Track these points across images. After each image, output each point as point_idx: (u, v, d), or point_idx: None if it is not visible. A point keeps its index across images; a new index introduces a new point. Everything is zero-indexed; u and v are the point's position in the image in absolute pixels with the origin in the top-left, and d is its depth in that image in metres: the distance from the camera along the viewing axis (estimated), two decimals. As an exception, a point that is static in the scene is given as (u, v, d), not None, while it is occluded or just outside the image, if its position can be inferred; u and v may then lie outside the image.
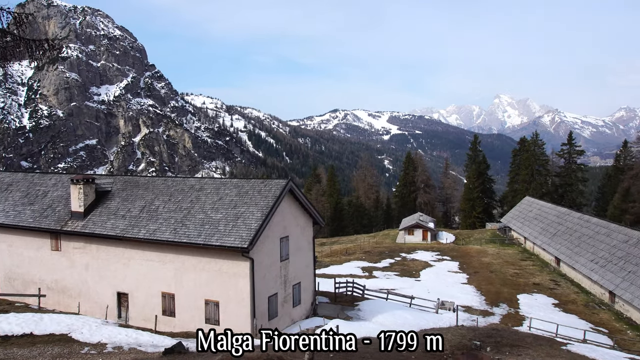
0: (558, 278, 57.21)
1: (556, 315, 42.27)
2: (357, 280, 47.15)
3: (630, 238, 51.63)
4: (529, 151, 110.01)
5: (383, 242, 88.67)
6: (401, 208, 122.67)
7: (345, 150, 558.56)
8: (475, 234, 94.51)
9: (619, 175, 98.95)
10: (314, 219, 33.68)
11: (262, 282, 27.54)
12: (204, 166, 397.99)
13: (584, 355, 22.67)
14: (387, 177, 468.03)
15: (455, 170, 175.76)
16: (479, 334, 26.05)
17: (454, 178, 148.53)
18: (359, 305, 36.63)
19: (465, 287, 51.55)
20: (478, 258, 67.49)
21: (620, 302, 45.63)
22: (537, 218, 77.82)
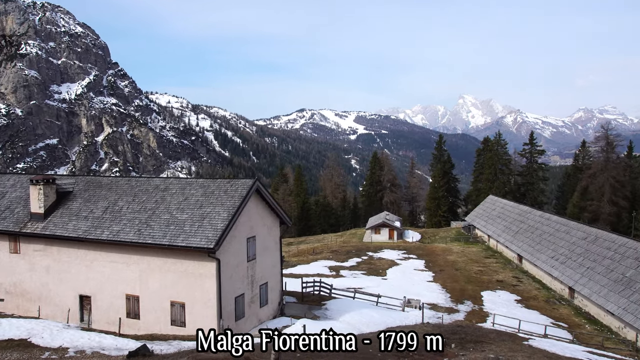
0: (520, 275, 58.51)
1: (519, 311, 43.23)
2: (324, 280, 47.25)
3: (589, 235, 53.21)
4: (492, 151, 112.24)
5: (350, 241, 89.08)
6: (368, 207, 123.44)
7: (312, 149, 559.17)
8: (440, 233, 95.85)
9: (578, 174, 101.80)
10: (281, 218, 33.62)
11: (228, 283, 27.35)
12: (170, 166, 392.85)
13: (545, 350, 23.24)
14: (354, 176, 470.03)
15: (421, 169, 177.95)
16: (444, 331, 26.42)
17: (419, 177, 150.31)
18: (326, 304, 36.73)
19: (431, 285, 52.21)
20: (443, 256, 68.46)
21: (579, 297, 46.98)
22: (500, 216, 79.41)
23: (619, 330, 39.71)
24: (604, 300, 41.93)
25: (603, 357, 24.78)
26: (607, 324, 41.48)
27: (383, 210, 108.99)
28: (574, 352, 24.02)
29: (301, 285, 41.06)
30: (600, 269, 46.00)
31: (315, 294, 41.07)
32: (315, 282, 42.32)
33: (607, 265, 45.72)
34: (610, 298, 41.51)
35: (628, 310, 38.64)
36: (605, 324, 41.59)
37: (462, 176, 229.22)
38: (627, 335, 38.32)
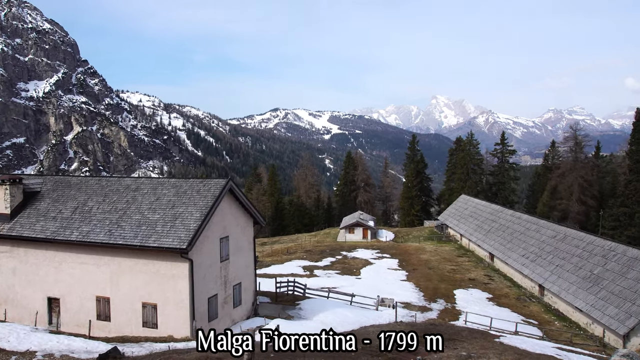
0: (492, 273, 59.35)
1: (490, 309, 43.83)
2: (298, 280, 47.17)
3: (558, 233, 54.27)
4: (465, 151, 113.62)
5: (324, 240, 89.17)
6: (342, 207, 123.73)
7: (286, 149, 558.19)
8: (413, 232, 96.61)
9: (548, 173, 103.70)
10: (255, 218, 33.42)
11: (201, 283, 27.07)
12: (141, 166, 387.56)
13: (516, 347, 23.58)
14: (328, 176, 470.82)
15: (395, 169, 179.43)
16: (417, 329, 26.60)
17: (393, 177, 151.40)
18: (300, 304, 36.66)
19: (404, 284, 52.57)
20: (417, 255, 69.02)
21: (549, 294, 47.87)
22: (472, 215, 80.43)
23: (587, 327, 40.59)
24: (573, 297, 42.82)
25: (572, 352, 25.26)
26: (575, 321, 42.36)
27: (357, 210, 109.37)
28: (544, 349, 24.42)
29: (275, 285, 40.90)
30: (569, 267, 46.97)
31: (289, 294, 40.97)
32: (289, 282, 42.22)
33: (575, 262, 46.70)
34: (579, 295, 42.41)
35: (595, 306, 39.52)
36: (574, 321, 42.47)
37: (435, 176, 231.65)
38: (595, 331, 39.20)
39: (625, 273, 39.97)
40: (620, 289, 38.86)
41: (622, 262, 41.46)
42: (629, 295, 37.45)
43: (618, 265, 41.48)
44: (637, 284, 37.67)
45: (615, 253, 43.29)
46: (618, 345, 35.63)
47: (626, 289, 38.28)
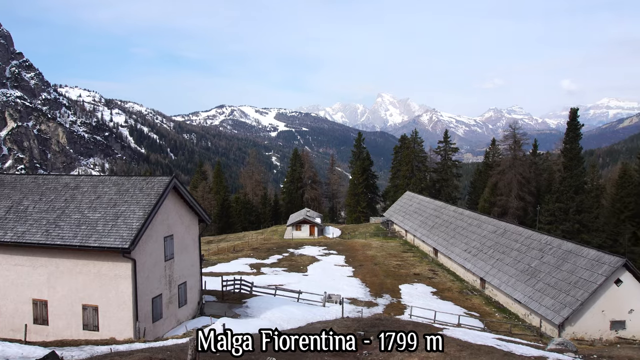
0: (436, 268, 60.77)
1: (434, 303, 44.89)
2: (245, 278, 46.87)
3: (498, 228, 56.15)
4: (409, 148, 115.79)
5: (271, 238, 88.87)
6: (289, 204, 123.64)
7: (233, 146, 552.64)
8: (360, 228, 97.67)
9: (488, 171, 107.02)
10: (200, 216, 32.91)
11: (145, 283, 26.43)
12: (81, 163, 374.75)
13: (458, 339, 24.20)
14: (275, 173, 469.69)
15: (341, 166, 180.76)
16: (364, 324, 26.91)
17: (339, 174, 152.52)
18: (247, 302, 36.39)
19: (351, 280, 53.08)
20: (363, 251, 69.81)
21: (489, 287, 49.48)
22: (417, 212, 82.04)
23: (525, 317, 42.20)
24: (512, 290, 44.41)
25: (511, 342, 26.14)
26: (514, 312, 43.98)
27: (304, 207, 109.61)
28: (485, 340, 25.18)
29: (221, 284, 40.43)
30: (508, 260, 48.68)
31: (235, 292, 40.61)
32: (235, 280, 41.86)
33: (514, 256, 48.44)
34: (518, 287, 44.03)
35: (533, 298, 41.15)
36: (513, 312, 44.09)
37: (381, 173, 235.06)
38: (533, 322, 40.82)
39: (560, 265, 41.79)
40: (555, 280, 40.61)
41: (558, 255, 43.33)
42: (563, 287, 39.19)
43: (554, 258, 43.32)
44: (571, 276, 39.47)
45: (551, 247, 45.18)
46: (554, 334, 37.24)
47: (561, 280, 40.04)
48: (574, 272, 39.58)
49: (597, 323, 37.40)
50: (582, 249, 41.88)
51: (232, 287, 41.58)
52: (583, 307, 36.68)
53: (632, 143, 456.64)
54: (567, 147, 79.31)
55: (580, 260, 40.20)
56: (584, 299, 36.48)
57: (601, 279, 36.66)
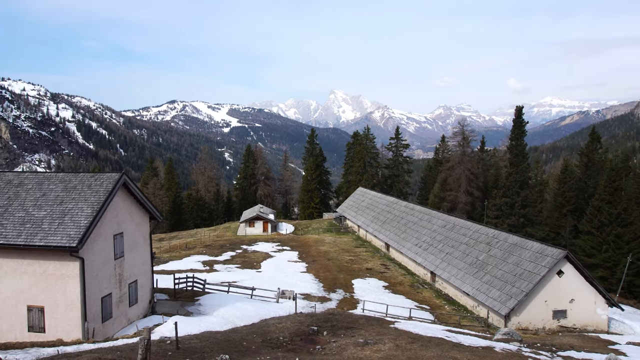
0: (388, 262, 61.75)
1: (386, 297, 45.65)
2: (197, 275, 46.35)
3: (448, 223, 57.54)
4: (362, 145, 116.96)
5: (224, 235, 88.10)
6: (242, 200, 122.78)
7: (185, 142, 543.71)
8: (313, 224, 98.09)
9: (438, 166, 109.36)
10: (151, 213, 32.35)
11: (94, 283, 25.82)
12: (25, 159, 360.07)
13: (409, 331, 24.79)
14: (228, 169, 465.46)
15: (294, 162, 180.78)
16: (317, 319, 27.15)
17: (293, 170, 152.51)
18: (199, 300, 36.04)
19: (304, 276, 53.31)
20: (316, 247, 70.19)
21: (439, 280, 50.70)
22: (369, 207, 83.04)
23: (473, 309, 43.48)
24: (461, 282, 45.67)
25: (460, 334, 26.94)
26: (463, 304, 45.25)
27: (257, 204, 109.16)
28: (435, 332, 25.87)
29: (173, 282, 39.87)
30: (457, 254, 49.99)
31: (188, 290, 40.14)
32: (188, 278, 41.34)
33: (463, 250, 49.79)
34: (466, 280, 45.31)
35: (481, 290, 42.44)
36: (462, 304, 45.35)
37: (334, 169, 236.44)
38: (480, 313, 42.11)
39: (506, 258, 43.25)
40: (502, 273, 42.01)
41: (504, 248, 44.81)
42: (509, 279, 40.60)
43: (500, 251, 44.79)
44: (517, 268, 40.92)
45: (498, 240, 46.68)
46: (500, 324, 38.55)
47: (507, 272, 41.46)
48: (519, 265, 41.05)
49: (541, 313, 38.95)
50: (526, 242, 43.47)
51: (184, 285, 41.07)
52: (527, 298, 38.12)
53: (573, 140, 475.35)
54: (513, 144, 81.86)
55: (525, 253, 41.71)
56: (528, 290, 37.90)
57: (544, 271, 38.17)
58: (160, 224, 78.10)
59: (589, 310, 40.03)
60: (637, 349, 29.32)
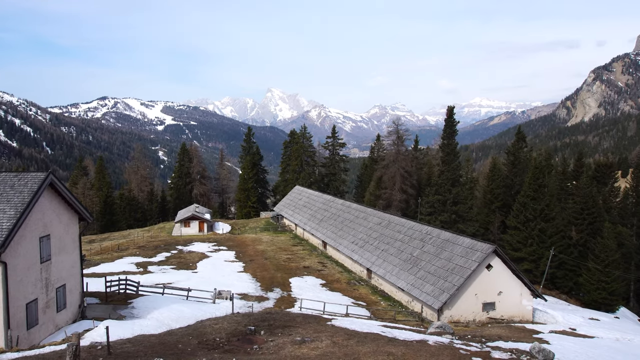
0: (325, 260, 62.23)
1: (324, 294, 46.02)
2: (130, 277, 45.08)
3: (383, 220, 58.66)
4: (299, 143, 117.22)
5: (158, 235, 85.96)
6: (177, 200, 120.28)
7: (116, 140, 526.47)
8: (250, 223, 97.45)
9: (374, 165, 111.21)
10: (81, 214, 31.12)
11: (18, 288, 24.56)
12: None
13: (346, 328, 25.11)
14: (162, 168, 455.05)
15: (231, 161, 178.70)
16: (254, 319, 27.02)
17: (229, 169, 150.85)
18: (133, 302, 35.04)
19: (241, 275, 52.92)
20: (253, 246, 69.79)
21: (375, 277, 51.61)
22: (306, 206, 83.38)
23: (408, 304, 44.57)
24: (396, 278, 46.69)
25: (395, 329, 27.54)
26: (398, 300, 46.29)
27: (193, 203, 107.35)
28: (371, 327, 26.32)
29: (105, 285, 38.56)
30: (392, 251, 51.07)
31: (120, 293, 38.92)
32: (120, 281, 40.09)
33: (398, 246, 50.92)
34: (401, 276, 46.37)
35: (415, 285, 43.56)
36: (397, 300, 46.39)
37: (271, 167, 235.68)
38: (415, 308, 43.23)
39: (439, 254, 44.60)
40: (435, 268, 43.29)
41: (437, 244, 46.20)
42: (442, 274, 41.90)
43: (433, 247, 46.13)
44: (449, 263, 42.30)
45: (431, 236, 48.07)
46: (433, 318, 39.73)
47: (440, 268, 42.77)
48: (451, 260, 42.45)
49: (471, 306, 40.46)
50: (458, 237, 45.01)
51: (116, 288, 39.80)
52: (459, 291, 39.49)
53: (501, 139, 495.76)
54: (445, 143, 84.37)
55: (457, 249, 43.18)
56: (459, 284, 39.26)
57: (474, 265, 39.66)
58: (91, 225, 75.34)
59: (515, 301, 41.97)
60: (559, 337, 31.02)
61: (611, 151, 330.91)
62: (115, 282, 40.07)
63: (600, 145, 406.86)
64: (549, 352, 21.06)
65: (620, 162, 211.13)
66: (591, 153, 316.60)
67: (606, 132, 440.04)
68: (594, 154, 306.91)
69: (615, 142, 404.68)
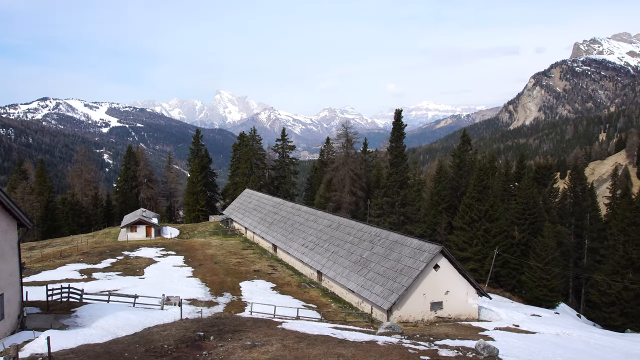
0: (275, 263, 62.06)
1: (274, 298, 45.89)
2: (74, 285, 43.59)
3: (333, 223, 59.03)
4: (248, 146, 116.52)
5: (104, 241, 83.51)
6: (123, 204, 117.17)
7: (58, 143, 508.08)
8: (199, 227, 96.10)
9: (324, 168, 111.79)
10: (19, 220, 29.84)
11: (-49, 299, 23.34)
12: None
13: (297, 331, 25.13)
14: (107, 172, 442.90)
15: (179, 164, 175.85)
16: (203, 324, 26.68)
17: (177, 172, 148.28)
18: (76, 311, 33.87)
19: (190, 280, 52.10)
20: (202, 250, 68.84)
21: (326, 279, 51.86)
22: (256, 209, 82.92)
23: (358, 305, 45.00)
24: (346, 280, 47.06)
25: (345, 330, 27.75)
26: (349, 301, 46.66)
27: (139, 207, 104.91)
28: (321, 330, 26.43)
29: (46, 293, 37.12)
30: (342, 253, 51.45)
31: (63, 302, 37.53)
32: (63, 289, 38.70)
33: (348, 248, 51.34)
34: (351, 278, 46.77)
35: (365, 287, 44.03)
36: (348, 301, 46.75)
37: (220, 170, 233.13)
38: (365, 309, 43.68)
39: (388, 255, 45.26)
40: (384, 269, 43.90)
41: (386, 245, 46.87)
42: (391, 275, 42.53)
43: (382, 249, 46.77)
44: (398, 264, 42.98)
45: (380, 238, 48.72)
46: (383, 319, 40.26)
47: (389, 269, 43.41)
48: (400, 261, 43.16)
49: (420, 305, 41.26)
50: (406, 239, 45.81)
51: (59, 296, 38.38)
52: (408, 292, 40.19)
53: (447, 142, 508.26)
54: (393, 146, 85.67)
55: (405, 250, 43.94)
56: (408, 284, 39.96)
57: (422, 266, 40.47)
58: (31, 231, 72.60)
59: (462, 300, 43.09)
60: (503, 334, 32.03)
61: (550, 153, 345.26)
62: (57, 291, 38.66)
63: (541, 147, 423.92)
64: (493, 348, 21.75)
65: (559, 164, 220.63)
66: (532, 155, 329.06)
67: (546, 135, 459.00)
68: (535, 156, 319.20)
69: (554, 144, 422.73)
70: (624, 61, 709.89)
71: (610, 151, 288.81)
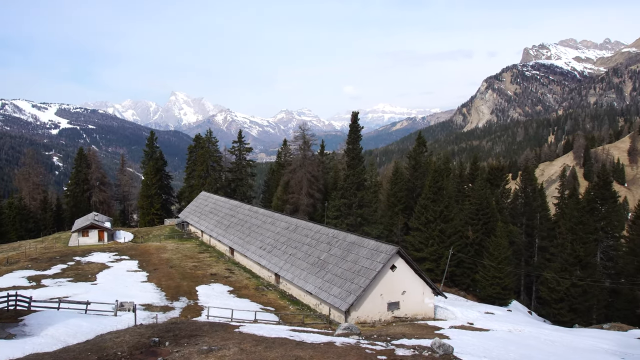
0: (233, 267, 61.50)
1: (232, 301, 45.46)
2: (22, 292, 41.97)
3: (290, 225, 58.96)
4: (204, 148, 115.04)
5: (54, 246, 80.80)
6: (74, 208, 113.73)
7: (4, 145, 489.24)
8: (154, 231, 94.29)
9: (281, 170, 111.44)
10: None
11: None
12: None
13: (254, 334, 24.95)
14: (57, 175, 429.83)
15: (133, 167, 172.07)
16: (158, 330, 26.17)
17: (131, 175, 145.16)
18: (24, 319, 32.63)
19: (145, 285, 51.04)
20: (157, 255, 67.57)
21: (284, 281, 51.74)
22: (212, 212, 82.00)
23: (316, 307, 45.07)
24: (304, 282, 47.06)
25: (303, 332, 27.73)
26: (307, 303, 46.69)
27: (91, 211, 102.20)
28: (279, 332, 26.33)
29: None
30: (300, 255, 51.44)
31: (10, 310, 36.10)
32: (9, 296, 37.21)
33: (305, 250, 51.38)
34: (309, 280, 46.81)
35: (322, 288, 44.13)
36: (306, 303, 46.78)
37: (176, 173, 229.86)
38: (323, 311, 43.79)
39: (345, 256, 45.50)
40: (342, 271, 44.11)
41: (343, 247, 47.11)
42: (348, 276, 42.77)
43: (340, 250, 47.00)
44: (355, 265, 43.27)
45: (338, 239, 48.95)
46: (341, 320, 40.45)
47: (347, 270, 43.64)
48: (357, 262, 43.46)
49: (377, 306, 41.66)
50: (363, 240, 46.19)
51: (5, 305, 36.90)
52: (365, 292, 40.50)
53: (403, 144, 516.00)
54: (350, 147, 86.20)
55: (363, 251, 44.28)
56: (365, 285, 40.28)
57: (379, 266, 40.88)
58: (-25, 237, 69.47)
59: (418, 300, 43.75)
60: (458, 332, 32.68)
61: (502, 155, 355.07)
62: (3, 299, 37.14)
63: (493, 149, 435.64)
64: (448, 346, 22.16)
65: (510, 166, 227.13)
66: (485, 157, 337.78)
67: (498, 137, 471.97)
68: (488, 157, 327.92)
69: (506, 146, 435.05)
70: (571, 66, 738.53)
71: (559, 153, 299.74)
